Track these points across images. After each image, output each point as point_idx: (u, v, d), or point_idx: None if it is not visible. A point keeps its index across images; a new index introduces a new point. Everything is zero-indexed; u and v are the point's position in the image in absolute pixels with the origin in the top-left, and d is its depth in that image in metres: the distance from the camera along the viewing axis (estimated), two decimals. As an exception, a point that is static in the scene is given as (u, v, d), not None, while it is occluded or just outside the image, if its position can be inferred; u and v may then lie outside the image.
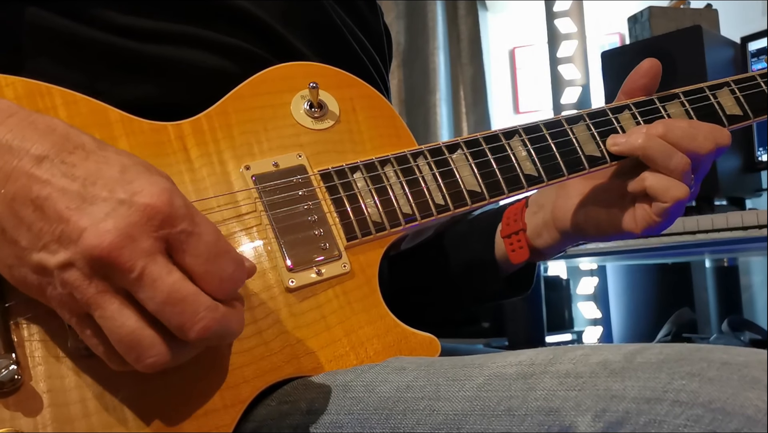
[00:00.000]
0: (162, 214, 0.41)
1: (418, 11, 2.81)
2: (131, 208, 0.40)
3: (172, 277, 0.41)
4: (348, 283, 0.57)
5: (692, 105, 0.69)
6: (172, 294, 0.40)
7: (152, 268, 0.40)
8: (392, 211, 0.59)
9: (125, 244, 0.40)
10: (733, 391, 0.38)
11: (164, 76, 0.61)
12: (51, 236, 0.41)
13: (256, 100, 0.60)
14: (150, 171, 0.43)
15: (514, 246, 0.73)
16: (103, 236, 0.39)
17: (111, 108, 0.55)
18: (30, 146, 0.42)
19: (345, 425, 0.49)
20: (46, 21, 0.59)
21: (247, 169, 0.57)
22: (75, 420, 0.46)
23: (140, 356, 0.41)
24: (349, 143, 0.62)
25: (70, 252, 0.40)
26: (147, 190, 0.41)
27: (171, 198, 0.41)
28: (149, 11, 0.60)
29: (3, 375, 0.44)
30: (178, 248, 0.42)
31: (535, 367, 0.45)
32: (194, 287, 0.42)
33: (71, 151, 0.42)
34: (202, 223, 0.42)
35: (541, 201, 0.74)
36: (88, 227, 0.40)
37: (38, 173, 0.41)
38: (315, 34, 0.69)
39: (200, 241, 0.42)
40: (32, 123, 0.43)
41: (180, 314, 0.41)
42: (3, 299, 0.47)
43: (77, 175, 0.41)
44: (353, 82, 0.65)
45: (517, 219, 0.73)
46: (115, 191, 0.41)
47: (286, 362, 0.53)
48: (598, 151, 0.66)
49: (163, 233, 0.41)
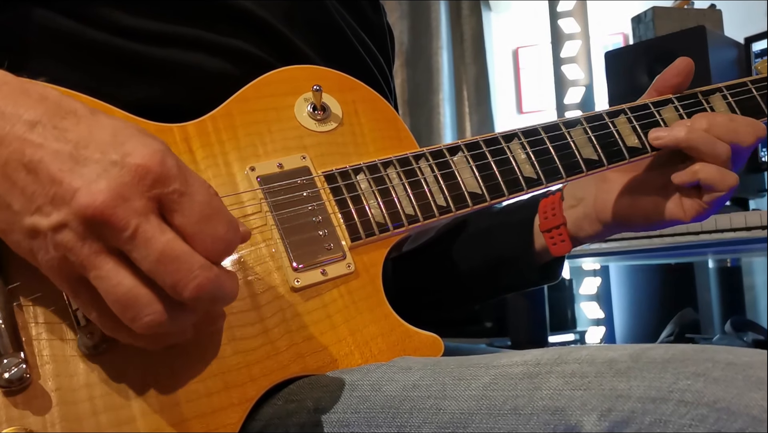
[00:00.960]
0: (153, 174, 0.41)
1: (422, 11, 2.82)
2: (123, 168, 0.41)
3: (166, 236, 0.41)
4: (352, 282, 0.58)
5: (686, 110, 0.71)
6: (165, 252, 0.40)
7: (145, 227, 0.40)
8: (395, 213, 0.60)
9: (118, 203, 0.40)
10: (737, 391, 0.38)
11: (167, 78, 0.61)
12: (44, 199, 0.41)
13: (260, 102, 0.61)
14: (142, 133, 0.43)
15: (555, 240, 0.74)
16: (95, 195, 0.40)
17: (116, 109, 0.55)
18: (23, 112, 0.42)
19: (352, 423, 0.49)
20: (51, 22, 0.59)
21: (252, 170, 0.58)
22: (83, 418, 0.46)
23: (137, 314, 0.41)
24: (352, 145, 0.62)
25: (63, 213, 0.40)
26: (139, 151, 0.41)
27: (163, 158, 0.41)
28: (153, 13, 0.61)
29: (12, 374, 0.45)
30: (170, 207, 0.42)
31: (541, 367, 0.46)
32: (188, 246, 0.41)
33: (63, 117, 0.43)
34: (194, 183, 0.42)
35: (580, 194, 0.75)
36: (81, 187, 0.40)
37: (31, 137, 0.41)
38: (317, 35, 0.69)
39: (192, 201, 0.42)
40: (25, 91, 0.43)
41: (174, 273, 0.40)
42: (11, 297, 0.47)
43: (69, 138, 0.42)
44: (355, 86, 0.65)
45: (556, 213, 0.74)
46: (107, 153, 0.41)
47: (292, 361, 0.53)
48: (595, 155, 0.67)
49: (155, 192, 0.41)
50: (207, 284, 0.41)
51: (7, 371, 0.45)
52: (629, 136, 0.68)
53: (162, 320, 0.41)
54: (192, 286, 0.41)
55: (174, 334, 0.45)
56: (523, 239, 0.76)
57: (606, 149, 0.67)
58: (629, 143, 0.68)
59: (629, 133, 0.69)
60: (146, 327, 0.41)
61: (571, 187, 0.76)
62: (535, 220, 0.76)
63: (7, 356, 0.45)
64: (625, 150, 0.68)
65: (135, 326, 0.42)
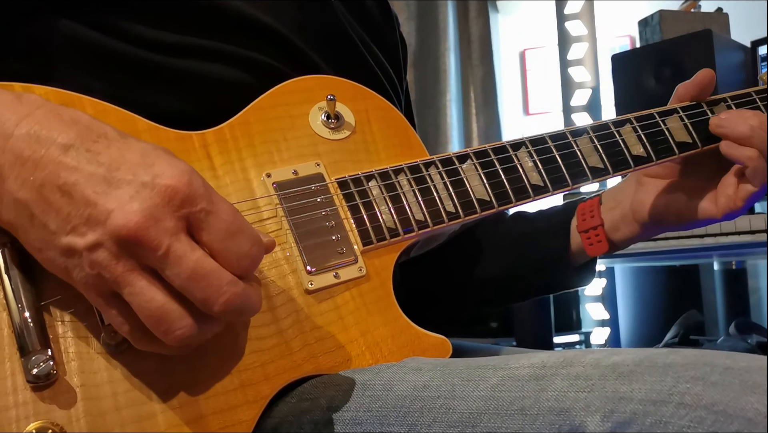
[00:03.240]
0: (182, 194, 0.43)
1: (430, 12, 2.82)
2: (154, 190, 0.43)
3: (196, 254, 0.43)
4: (364, 285, 0.59)
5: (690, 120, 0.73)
6: (196, 270, 0.43)
7: (177, 246, 0.42)
8: (405, 218, 0.61)
9: (150, 224, 0.42)
10: (734, 394, 0.40)
11: (186, 87, 0.63)
12: (79, 219, 0.43)
13: (275, 111, 0.63)
14: (169, 154, 0.45)
15: (592, 240, 0.76)
16: (129, 216, 0.42)
17: (138, 117, 0.57)
18: (56, 136, 0.44)
19: (364, 422, 0.51)
20: (76, 33, 0.61)
21: (269, 176, 0.60)
22: (106, 414, 0.48)
23: (169, 328, 0.43)
24: (364, 153, 0.64)
25: (98, 233, 0.42)
26: (167, 172, 0.43)
27: (190, 179, 0.44)
28: (173, 26, 0.63)
29: (40, 370, 0.47)
30: (198, 226, 0.44)
31: (547, 369, 0.48)
32: (216, 263, 0.44)
33: (95, 140, 0.45)
34: (219, 202, 0.45)
35: (618, 197, 0.78)
36: (115, 209, 0.42)
37: (66, 161, 0.44)
38: (330, 46, 0.71)
39: (218, 219, 0.44)
40: (58, 115, 0.46)
41: (205, 289, 0.43)
42: (39, 297, 0.49)
43: (102, 161, 0.44)
44: (368, 95, 0.67)
45: (594, 215, 0.77)
46: (138, 174, 0.43)
47: (306, 361, 0.55)
48: (600, 163, 0.69)
49: (184, 212, 0.43)
50: (235, 299, 0.44)
51: (35, 367, 0.47)
52: (635, 146, 0.70)
53: (192, 333, 0.44)
54: (221, 301, 0.43)
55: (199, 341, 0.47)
56: (558, 239, 0.78)
57: (611, 158, 0.69)
58: (634, 152, 0.70)
59: (635, 143, 0.70)
60: (178, 340, 0.44)
61: (611, 192, 0.79)
62: (572, 222, 0.78)
63: (35, 353, 0.47)
64: (630, 159, 0.69)
65: (167, 339, 0.44)
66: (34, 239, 0.45)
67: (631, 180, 0.78)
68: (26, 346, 0.47)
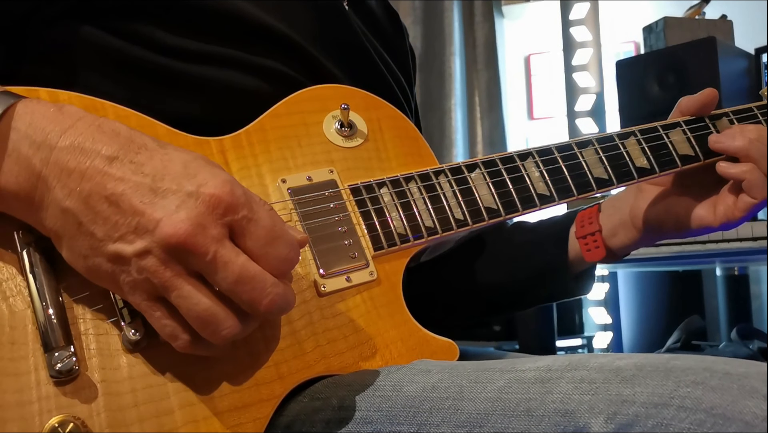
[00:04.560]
0: (225, 203, 0.46)
1: (435, 17, 2.84)
2: (198, 199, 0.45)
3: (240, 259, 0.46)
4: (375, 289, 0.61)
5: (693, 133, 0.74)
6: (242, 274, 0.45)
7: (222, 252, 0.45)
8: (416, 225, 0.63)
9: (198, 231, 0.44)
10: (733, 398, 0.42)
11: (204, 94, 0.65)
12: (127, 228, 0.45)
13: (291, 118, 0.65)
14: (209, 164, 0.48)
15: (590, 246, 0.77)
16: (177, 225, 0.44)
17: (158, 123, 0.59)
18: (100, 147, 0.46)
19: (375, 421, 0.53)
20: (99, 39, 0.63)
21: (284, 182, 0.62)
22: (126, 409, 0.50)
23: (216, 329, 0.46)
24: (376, 161, 0.66)
25: (146, 241, 0.45)
26: (211, 182, 0.46)
27: (232, 188, 0.46)
28: (193, 34, 0.64)
29: (63, 365, 0.49)
30: (240, 232, 0.46)
31: (552, 372, 0.49)
32: (259, 266, 0.46)
33: (137, 151, 0.47)
34: (260, 209, 0.47)
35: (617, 205, 0.79)
36: (163, 218, 0.45)
37: (111, 171, 0.46)
38: (345, 55, 0.73)
39: (258, 226, 0.46)
40: (99, 126, 0.48)
41: (251, 291, 0.46)
42: (62, 295, 0.51)
43: (146, 172, 0.46)
44: (380, 104, 0.69)
45: (593, 221, 0.78)
46: (183, 185, 0.46)
47: (317, 362, 0.57)
48: (605, 174, 0.70)
49: (228, 219, 0.46)
50: (278, 300, 0.46)
51: (59, 362, 0.48)
52: (638, 158, 0.72)
53: (237, 332, 0.47)
54: (266, 302, 0.46)
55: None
56: (558, 247, 0.79)
57: (616, 169, 0.71)
58: (638, 164, 0.72)
59: (639, 155, 0.72)
60: (224, 339, 0.47)
61: (610, 200, 0.80)
62: (570, 230, 0.79)
63: (58, 349, 0.49)
64: (634, 170, 0.71)
65: (214, 339, 0.47)
66: (81, 246, 0.47)
67: (632, 188, 0.79)
68: (50, 342, 0.49)
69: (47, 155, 0.46)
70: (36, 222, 0.49)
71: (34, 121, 0.47)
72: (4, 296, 0.50)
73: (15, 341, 0.49)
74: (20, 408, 0.47)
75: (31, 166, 0.47)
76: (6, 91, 0.49)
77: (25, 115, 0.48)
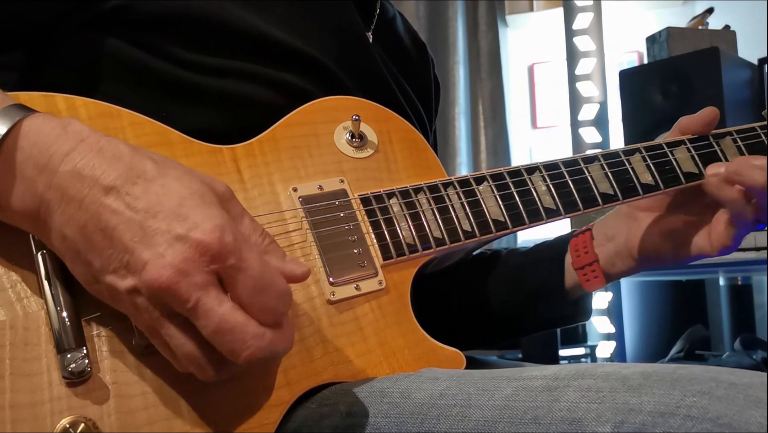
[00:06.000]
0: (213, 250, 0.45)
1: (439, 26, 2.85)
2: (186, 243, 0.45)
3: (223, 308, 0.45)
4: (383, 298, 0.62)
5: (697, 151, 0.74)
6: (222, 324, 0.45)
7: (205, 300, 0.45)
8: (424, 235, 0.64)
9: (181, 278, 0.44)
10: (738, 408, 0.42)
11: (221, 106, 0.66)
12: (119, 263, 0.46)
13: (303, 128, 0.66)
14: (204, 202, 0.47)
15: (589, 276, 0.77)
16: (161, 271, 0.44)
17: (172, 130, 0.60)
18: (99, 175, 0.46)
19: (383, 427, 0.53)
20: (121, 50, 0.64)
21: (295, 191, 0.62)
22: (136, 411, 0.51)
23: (198, 371, 0.47)
24: (385, 171, 0.67)
25: (135, 280, 0.45)
26: (201, 226, 0.45)
27: (222, 235, 0.45)
28: (212, 49, 0.66)
29: (76, 366, 0.49)
30: (227, 280, 0.46)
31: (560, 381, 0.50)
32: (243, 316, 0.46)
33: (134, 182, 0.47)
34: (249, 257, 0.46)
35: (610, 233, 0.79)
36: (150, 261, 0.44)
37: (107, 202, 0.46)
38: (362, 79, 0.74)
39: (246, 275, 0.46)
40: (100, 150, 0.47)
41: (230, 343, 0.45)
42: (75, 298, 0.51)
43: (139, 208, 0.46)
44: (390, 117, 0.71)
45: (588, 251, 0.78)
46: (173, 226, 0.45)
47: (325, 368, 0.58)
48: (611, 189, 0.71)
49: (214, 267, 0.45)
50: (258, 352, 0.46)
51: (71, 364, 0.49)
52: (643, 174, 0.73)
53: (218, 376, 0.48)
54: (245, 354, 0.46)
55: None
56: (555, 275, 0.79)
57: (621, 185, 0.71)
58: (643, 180, 0.72)
59: (643, 171, 0.73)
60: (206, 379, 0.48)
61: (601, 227, 0.80)
62: (566, 258, 0.79)
63: (71, 351, 0.50)
64: (639, 186, 0.72)
65: (199, 378, 0.48)
66: (80, 273, 0.48)
67: (621, 214, 0.79)
68: (63, 344, 0.50)
69: (50, 179, 0.47)
70: (44, 239, 0.50)
71: (39, 141, 0.48)
72: (19, 297, 0.51)
73: (29, 342, 0.50)
74: (32, 408, 0.48)
75: (35, 189, 0.47)
76: (14, 105, 0.49)
77: (30, 133, 0.48)
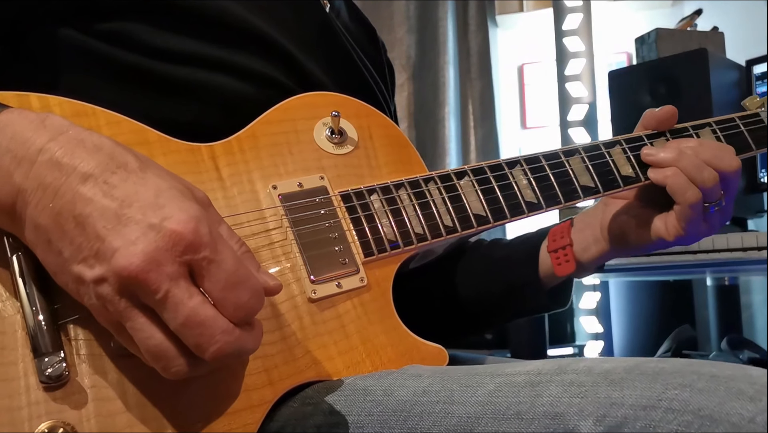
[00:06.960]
0: (186, 241, 0.44)
1: (429, 26, 2.85)
2: (159, 233, 0.43)
3: (193, 301, 0.44)
4: (365, 295, 0.62)
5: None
6: (190, 317, 0.43)
7: (174, 291, 0.43)
8: (405, 231, 0.64)
9: (151, 267, 0.43)
10: (719, 400, 0.42)
11: (193, 97, 0.65)
12: (89, 252, 0.44)
13: (282, 125, 0.65)
14: (183, 196, 0.46)
15: (561, 260, 0.77)
16: (131, 259, 0.43)
17: (150, 129, 0.59)
18: (78, 163, 0.45)
19: (366, 425, 0.53)
20: (83, 42, 0.63)
21: (275, 188, 0.62)
22: (116, 414, 0.50)
23: (165, 365, 0.45)
24: (366, 168, 0.67)
25: (104, 269, 0.44)
26: (176, 216, 0.44)
27: (197, 226, 0.44)
28: (180, 35, 0.64)
29: (53, 370, 0.48)
30: (199, 273, 0.45)
31: (542, 376, 0.50)
32: (213, 311, 0.44)
33: (113, 171, 0.45)
34: (223, 251, 0.45)
35: (587, 219, 0.79)
36: (120, 248, 0.43)
37: (83, 191, 0.45)
38: (330, 62, 0.73)
39: (219, 269, 0.45)
40: (81, 141, 0.46)
41: (197, 337, 0.44)
42: (52, 301, 0.51)
43: (116, 196, 0.44)
44: (371, 112, 0.70)
45: (564, 235, 0.78)
46: (147, 215, 0.44)
47: (308, 367, 0.57)
48: (592, 182, 0.71)
49: (186, 258, 0.44)
50: (226, 348, 0.45)
51: (48, 367, 0.48)
52: (624, 166, 0.73)
53: (186, 371, 0.45)
54: (212, 350, 0.44)
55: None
56: (529, 262, 0.79)
57: (602, 177, 0.72)
58: (623, 172, 0.73)
59: (624, 163, 0.73)
60: (173, 376, 0.46)
61: (582, 215, 0.80)
62: (542, 245, 0.80)
63: (48, 355, 0.49)
64: (620, 179, 0.72)
65: (165, 374, 0.46)
66: (50, 263, 0.47)
67: (600, 203, 0.80)
68: (40, 347, 0.49)
69: (27, 170, 0.46)
70: (19, 234, 0.49)
71: (16, 135, 0.47)
72: None
73: (4, 346, 0.49)
74: (9, 413, 0.47)
75: (12, 181, 0.46)
76: None
77: (6, 128, 0.47)
